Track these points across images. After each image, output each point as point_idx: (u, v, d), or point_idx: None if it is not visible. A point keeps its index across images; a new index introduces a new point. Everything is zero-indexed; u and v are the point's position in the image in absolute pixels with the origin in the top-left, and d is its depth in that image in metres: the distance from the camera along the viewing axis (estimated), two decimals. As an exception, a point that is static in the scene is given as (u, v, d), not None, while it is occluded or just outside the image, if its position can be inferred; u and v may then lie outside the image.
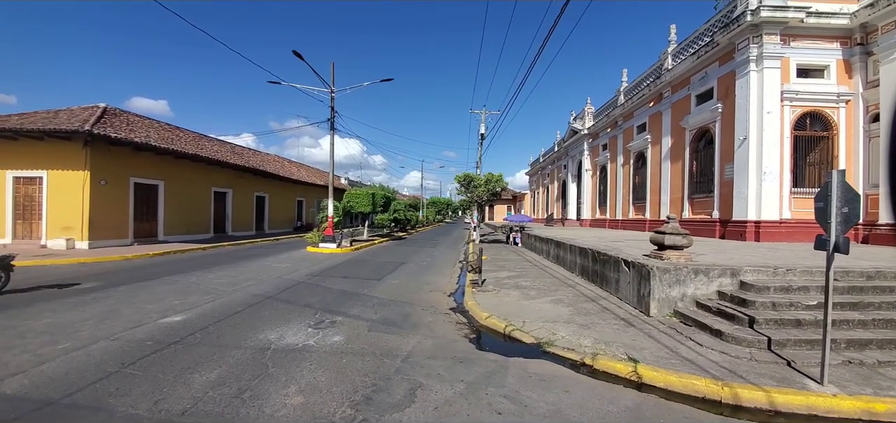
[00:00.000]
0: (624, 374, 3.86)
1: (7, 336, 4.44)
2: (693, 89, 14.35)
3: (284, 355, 4.13)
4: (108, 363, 3.75)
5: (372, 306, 6.46)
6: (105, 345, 4.21)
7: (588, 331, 5.06)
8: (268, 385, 3.40)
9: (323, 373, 3.69)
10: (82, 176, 13.79)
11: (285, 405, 3.09)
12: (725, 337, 4.53)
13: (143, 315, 5.38)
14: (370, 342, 4.63)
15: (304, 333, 4.87)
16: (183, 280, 8.24)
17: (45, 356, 3.85)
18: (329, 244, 14.57)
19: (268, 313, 5.71)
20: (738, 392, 3.41)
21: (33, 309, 5.62)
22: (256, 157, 26.90)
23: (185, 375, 3.54)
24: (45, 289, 7.07)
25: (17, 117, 15.11)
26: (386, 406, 3.11)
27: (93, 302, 6.08)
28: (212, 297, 6.67)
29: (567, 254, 10.35)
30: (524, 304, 6.58)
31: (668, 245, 5.97)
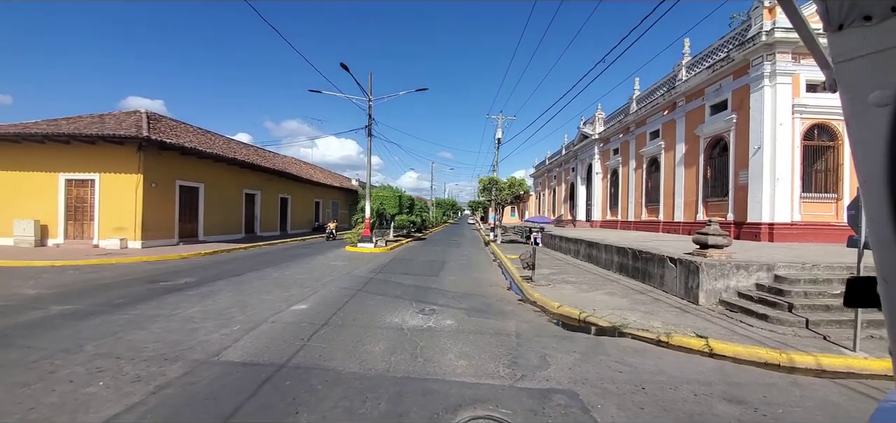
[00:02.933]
0: (697, 347, 4.84)
1: (173, 322, 5.30)
2: (708, 100, 15.45)
3: (420, 333, 5.06)
4: (289, 339, 4.66)
5: (451, 298, 7.39)
6: (269, 327, 5.11)
7: (652, 317, 6.04)
8: (430, 353, 4.34)
9: (464, 346, 4.63)
10: (136, 179, 14.56)
11: (456, 365, 4.03)
12: (770, 319, 5.55)
13: (271, 305, 6.27)
14: (478, 325, 5.57)
15: (420, 318, 5.80)
16: (265, 276, 9.10)
17: (231, 335, 4.74)
18: (367, 244, 15.47)
19: (372, 304, 6.62)
20: (793, 357, 4.42)
21: (158, 302, 6.41)
22: (277, 159, 27.68)
23: (360, 347, 4.46)
24: (142, 285, 7.85)
25: (65, 121, 15.84)
26: (531, 367, 4.06)
27: (211, 295, 6.94)
28: (309, 290, 7.57)
29: (602, 253, 11.36)
30: (583, 296, 7.56)
31: (712, 244, 6.98)
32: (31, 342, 4.28)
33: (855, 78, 0.45)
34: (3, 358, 3.84)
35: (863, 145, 0.49)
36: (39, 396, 3.09)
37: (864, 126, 0.47)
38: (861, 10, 0.43)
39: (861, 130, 0.48)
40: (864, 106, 0.46)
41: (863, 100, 0.45)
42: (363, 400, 3.18)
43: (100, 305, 6.02)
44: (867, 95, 0.45)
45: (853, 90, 0.46)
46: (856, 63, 0.44)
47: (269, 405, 3.06)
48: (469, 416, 3.01)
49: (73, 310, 5.67)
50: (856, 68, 0.45)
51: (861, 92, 0.45)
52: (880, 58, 0.43)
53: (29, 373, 3.51)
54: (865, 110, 0.46)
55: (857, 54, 0.44)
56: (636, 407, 3.26)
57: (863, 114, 0.46)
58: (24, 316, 5.34)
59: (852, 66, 0.45)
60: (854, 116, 0.48)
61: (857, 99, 0.46)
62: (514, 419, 2.99)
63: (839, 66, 0.46)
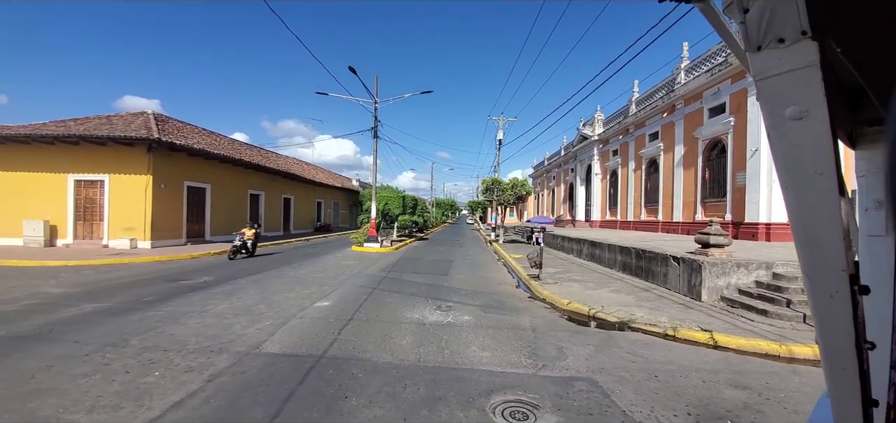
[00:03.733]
0: (702, 340, 5.16)
1: (207, 317, 5.55)
2: (706, 103, 15.83)
3: (441, 328, 5.34)
4: (321, 333, 4.93)
5: (464, 295, 7.68)
6: (299, 322, 5.38)
7: (658, 312, 6.36)
8: (455, 345, 4.62)
9: (485, 339, 4.92)
10: (145, 180, 14.74)
11: (480, 356, 4.32)
12: (770, 314, 5.88)
13: (296, 302, 6.53)
14: (495, 321, 5.86)
15: (438, 314, 6.08)
16: (281, 275, 9.35)
17: (266, 330, 5.00)
18: (373, 244, 15.72)
19: (390, 301, 6.90)
20: (792, 348, 4.74)
21: (185, 299, 6.67)
22: (280, 160, 27.85)
23: (388, 340, 4.74)
24: (163, 284, 8.08)
25: (73, 122, 15.98)
26: (550, 358, 4.36)
27: (235, 293, 7.19)
28: (328, 288, 7.83)
29: (605, 252, 11.69)
30: (590, 293, 7.87)
31: (713, 244, 7.31)
32: (77, 337, 4.52)
33: (773, 94, 0.49)
34: (56, 352, 4.08)
35: (782, 155, 0.52)
36: (102, 386, 3.35)
37: (783, 138, 0.50)
38: (776, 33, 0.48)
39: (780, 142, 0.51)
40: (781, 120, 0.49)
41: (780, 114, 0.49)
42: (403, 386, 3.47)
43: (130, 302, 6.26)
44: (784, 109, 0.48)
45: (772, 105, 0.49)
46: (773, 81, 0.48)
47: (319, 391, 3.33)
48: (501, 400, 3.30)
49: (106, 307, 5.91)
50: (773, 85, 0.48)
51: (778, 107, 0.49)
52: (793, 76, 0.46)
53: (85, 365, 3.76)
54: (783, 124, 0.49)
55: (774, 73, 0.47)
56: (651, 392, 3.56)
57: (781, 127, 0.50)
58: (60, 313, 5.58)
59: (770, 83, 0.48)
60: (773, 128, 0.51)
61: (776, 113, 0.49)
62: (543, 402, 3.28)
63: (760, 83, 0.49)
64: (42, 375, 3.53)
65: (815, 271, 0.56)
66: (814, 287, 0.58)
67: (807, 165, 0.50)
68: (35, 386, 3.30)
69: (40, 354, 4.02)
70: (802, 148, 0.49)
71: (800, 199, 0.53)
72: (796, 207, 0.53)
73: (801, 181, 0.51)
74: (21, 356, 3.98)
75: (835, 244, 0.53)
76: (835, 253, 0.54)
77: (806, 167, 0.50)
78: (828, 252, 0.54)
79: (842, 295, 0.56)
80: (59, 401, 3.06)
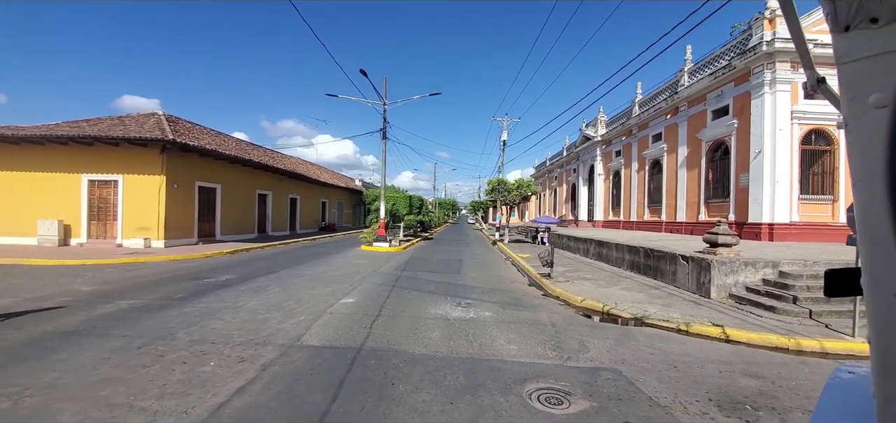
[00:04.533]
0: (715, 334, 5.42)
1: (241, 313, 5.79)
2: (709, 105, 16.11)
3: (466, 323, 5.60)
4: (353, 328, 5.18)
5: (480, 293, 7.93)
6: (330, 317, 5.63)
7: (670, 309, 6.62)
8: (482, 339, 4.88)
9: (509, 333, 5.18)
10: (159, 180, 14.96)
11: (508, 348, 4.58)
12: (778, 310, 6.15)
13: (321, 299, 6.78)
14: (515, 316, 6.12)
15: (460, 310, 6.34)
16: (299, 273, 9.59)
17: (301, 325, 5.25)
18: (382, 244, 15.97)
19: (411, 298, 7.15)
20: (800, 342, 5.01)
21: (215, 296, 6.92)
22: (286, 160, 28.07)
23: (419, 334, 4.99)
24: (188, 282, 8.32)
25: (86, 123, 16.19)
26: (573, 350, 4.62)
27: (261, 291, 7.43)
28: (348, 286, 8.08)
29: (612, 252, 11.96)
30: (602, 291, 8.13)
31: (721, 243, 7.58)
32: (124, 332, 4.77)
33: (857, 79, 0.46)
34: (108, 345, 4.33)
35: (860, 145, 0.50)
36: (164, 375, 3.60)
37: (863, 126, 0.48)
38: (868, 11, 0.45)
39: (860, 130, 0.49)
40: (863, 107, 0.47)
41: (863, 101, 0.46)
42: (443, 375, 3.73)
43: (162, 299, 6.51)
44: (868, 96, 0.46)
45: (854, 91, 0.47)
46: (859, 64, 0.45)
47: (367, 378, 3.59)
48: (534, 387, 3.56)
49: (141, 304, 6.16)
50: (858, 70, 0.46)
51: (862, 93, 0.46)
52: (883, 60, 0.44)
53: (141, 357, 4.01)
54: (865, 111, 0.47)
55: (861, 56, 0.45)
56: (672, 381, 3.82)
57: (862, 115, 0.47)
58: (99, 310, 5.82)
59: (855, 67, 0.46)
60: (853, 117, 0.48)
61: (858, 100, 0.47)
62: (574, 390, 3.54)
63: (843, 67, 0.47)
64: (102, 366, 3.77)
65: (879, 270, 0.54)
66: (875, 285, 0.56)
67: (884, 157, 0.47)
68: (100, 376, 3.55)
69: (94, 347, 4.26)
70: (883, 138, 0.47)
71: (873, 193, 0.50)
72: (867, 202, 0.51)
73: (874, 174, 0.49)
74: (76, 349, 4.22)
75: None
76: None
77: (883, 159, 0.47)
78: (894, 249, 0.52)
79: None
80: (128, 389, 3.30)
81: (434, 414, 3.01)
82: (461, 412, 3.05)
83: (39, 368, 3.70)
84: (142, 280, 8.30)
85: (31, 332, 4.76)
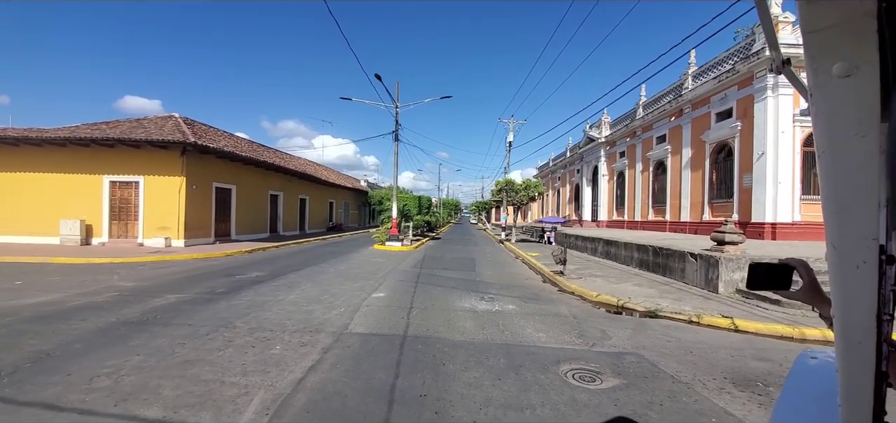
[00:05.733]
0: (724, 325, 5.86)
1: (286, 306, 6.21)
2: (713, 108, 16.55)
3: (493, 314, 6.04)
4: (392, 318, 5.63)
5: (499, 289, 8.37)
6: (368, 309, 6.08)
7: (681, 303, 7.06)
8: (513, 328, 5.32)
9: (535, 323, 5.62)
10: (179, 181, 15.42)
11: (537, 336, 5.02)
12: (782, 304, 6.59)
13: (354, 294, 7.22)
14: (537, 309, 6.56)
15: (485, 303, 6.78)
16: (324, 271, 10.04)
17: (343, 315, 5.69)
18: (395, 243, 16.42)
19: (436, 293, 7.59)
20: (804, 331, 5.45)
21: (254, 291, 7.35)
22: (295, 161, 28.53)
23: (453, 324, 5.43)
24: (223, 278, 8.77)
25: (106, 125, 16.66)
26: (596, 338, 5.06)
27: (295, 286, 7.87)
28: (374, 282, 8.53)
29: (621, 250, 12.40)
30: (614, 287, 8.57)
31: (728, 241, 8.02)
32: (186, 321, 5.21)
33: (821, 48, 0.46)
34: (177, 333, 4.77)
35: (824, 116, 0.50)
36: (240, 357, 4.04)
37: (827, 96, 0.48)
38: None
39: (824, 100, 0.49)
40: (827, 77, 0.47)
41: (827, 71, 0.47)
42: (486, 357, 4.17)
43: (206, 293, 6.95)
44: (832, 65, 0.46)
45: (819, 61, 0.47)
46: (823, 34, 0.45)
47: (419, 359, 4.03)
48: (568, 368, 4.00)
49: (189, 298, 6.60)
50: (823, 39, 0.46)
51: (826, 62, 0.47)
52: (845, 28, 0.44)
53: (212, 342, 4.45)
54: (828, 81, 0.47)
55: (825, 25, 0.45)
56: (690, 363, 4.26)
57: (826, 85, 0.48)
58: (152, 303, 6.26)
59: (819, 36, 0.46)
60: (817, 87, 0.48)
61: (822, 70, 0.47)
62: (603, 370, 3.98)
63: (808, 36, 0.47)
64: (180, 350, 4.21)
65: (843, 241, 0.55)
66: (840, 257, 0.56)
67: (849, 127, 0.48)
68: (182, 358, 3.98)
69: (164, 335, 4.70)
70: (847, 108, 0.48)
71: (837, 163, 0.51)
72: (831, 172, 0.52)
73: (840, 144, 0.50)
74: (148, 336, 4.66)
75: (869, 212, 0.52)
76: (867, 221, 0.53)
77: (848, 129, 0.48)
78: (860, 220, 0.53)
79: (869, 265, 0.55)
80: (212, 368, 3.74)
81: (486, 388, 3.45)
82: (510, 386, 3.49)
83: (122, 352, 4.13)
84: (177, 277, 8.75)
85: (98, 322, 5.20)
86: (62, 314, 5.51)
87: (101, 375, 3.55)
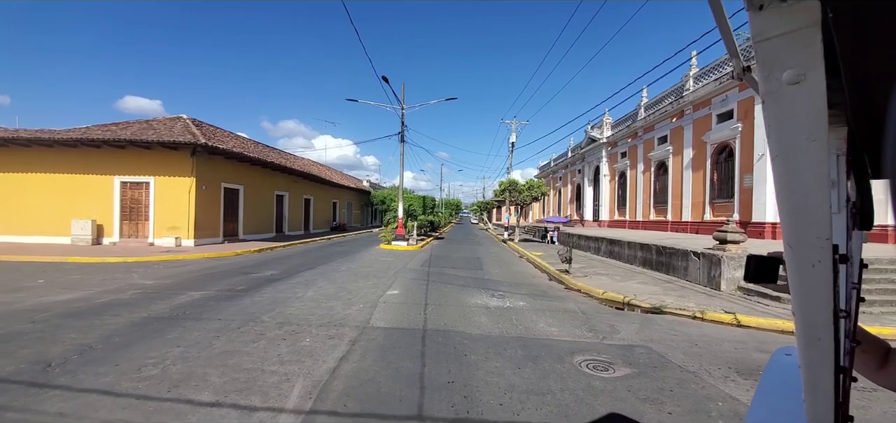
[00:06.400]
0: (727, 320, 6.12)
1: (306, 302, 6.47)
2: (714, 109, 16.82)
3: (506, 310, 6.30)
4: (409, 314, 5.89)
5: (508, 286, 8.63)
6: (385, 305, 6.34)
7: (685, 300, 7.32)
8: (525, 323, 5.58)
9: (547, 318, 5.88)
10: (189, 182, 15.67)
11: (550, 330, 5.28)
12: (783, 300, 6.85)
13: (370, 291, 7.48)
14: (546, 305, 6.82)
15: (496, 300, 7.04)
16: (336, 269, 10.29)
17: (363, 311, 5.95)
18: (401, 242, 16.68)
19: (448, 290, 7.85)
20: (803, 326, 5.71)
21: (273, 288, 7.60)
22: (299, 161, 28.78)
23: (468, 319, 5.69)
24: (240, 276, 9.03)
25: (117, 127, 16.91)
26: (606, 332, 5.32)
27: (311, 284, 8.12)
28: (386, 279, 8.78)
29: (624, 249, 12.66)
30: (619, 284, 8.83)
31: (730, 240, 8.29)
32: (216, 316, 5.47)
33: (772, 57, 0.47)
34: (209, 327, 5.02)
35: (776, 121, 0.51)
36: (274, 348, 4.29)
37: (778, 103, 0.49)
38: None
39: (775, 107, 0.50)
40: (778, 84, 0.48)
41: (777, 78, 0.48)
42: (503, 349, 4.43)
43: (227, 291, 7.21)
44: (782, 73, 0.47)
45: (769, 68, 0.48)
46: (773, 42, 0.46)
47: (441, 351, 4.29)
48: (582, 358, 4.25)
49: (212, 294, 6.85)
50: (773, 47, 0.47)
51: (776, 70, 0.47)
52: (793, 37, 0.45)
53: (245, 335, 4.70)
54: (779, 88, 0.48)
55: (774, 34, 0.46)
56: (696, 354, 4.52)
57: (777, 91, 0.49)
58: (178, 300, 6.51)
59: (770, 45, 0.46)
60: (769, 93, 0.49)
61: (773, 77, 0.48)
62: (614, 360, 4.24)
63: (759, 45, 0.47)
64: (217, 342, 4.46)
65: (799, 241, 0.56)
66: (797, 257, 0.58)
67: (800, 131, 0.49)
68: (220, 349, 4.24)
69: (198, 329, 4.95)
70: (797, 113, 0.49)
71: (790, 167, 0.52)
72: (786, 175, 0.53)
73: (792, 148, 0.51)
74: (182, 330, 4.91)
75: (822, 212, 0.53)
76: (821, 221, 0.54)
77: (799, 133, 0.49)
78: (814, 220, 0.54)
79: (824, 264, 0.56)
80: (251, 358, 4.00)
81: (508, 376, 3.70)
82: (530, 374, 3.75)
83: (162, 344, 4.38)
84: (194, 275, 9.00)
85: (130, 317, 5.45)
86: (93, 310, 5.76)
87: (147, 365, 3.81)
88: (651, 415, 3.07)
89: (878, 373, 0.78)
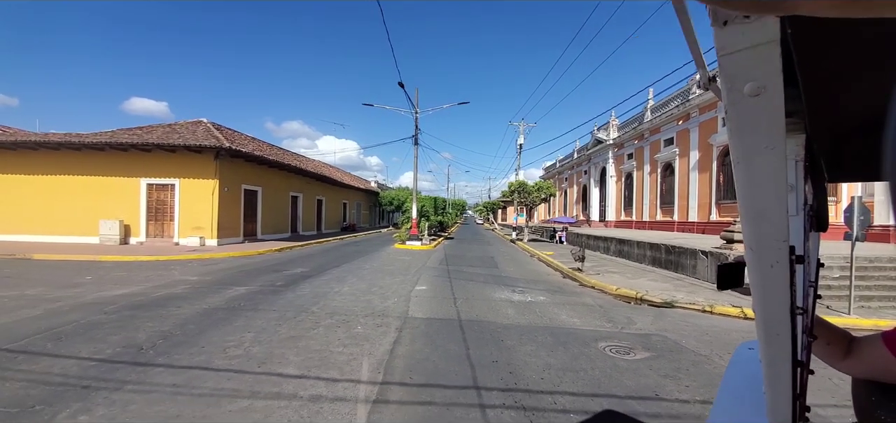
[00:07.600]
0: (735, 313, 6.63)
1: (344, 296, 7.04)
2: (720, 112, 17.24)
3: (528, 304, 6.84)
4: (441, 306, 6.44)
5: (526, 283, 9.16)
6: (417, 300, 6.89)
7: (694, 295, 7.83)
8: (549, 314, 6.12)
9: (568, 310, 6.41)
10: (212, 184, 16.33)
11: (572, 321, 5.81)
12: (786, 295, 7.34)
13: (399, 286, 8.05)
14: (565, 300, 7.35)
15: (517, 295, 7.58)
16: (361, 267, 10.86)
17: (399, 304, 6.51)
18: (415, 242, 17.25)
19: (472, 286, 8.39)
20: (805, 319, 6.21)
21: (309, 284, 8.17)
22: (311, 163, 29.44)
23: (496, 311, 6.24)
24: (272, 273, 9.60)
25: (140, 130, 17.61)
26: (623, 322, 5.84)
27: (343, 280, 8.70)
28: (411, 276, 9.35)
29: (633, 248, 13.16)
30: (631, 281, 9.34)
31: (737, 240, 8.77)
32: (270, 308, 6.04)
33: (734, 70, 0.49)
34: (268, 316, 5.59)
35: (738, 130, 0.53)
36: (332, 334, 4.85)
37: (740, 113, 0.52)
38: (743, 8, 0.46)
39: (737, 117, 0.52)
40: (740, 96, 0.50)
41: (739, 90, 0.50)
42: (534, 336, 4.97)
43: (269, 286, 7.79)
44: (743, 85, 0.49)
45: (732, 81, 0.50)
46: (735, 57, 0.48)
47: (480, 336, 4.84)
48: (606, 344, 4.79)
49: (257, 289, 7.44)
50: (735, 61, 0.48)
51: (738, 83, 0.49)
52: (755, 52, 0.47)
53: (303, 323, 5.27)
54: (741, 100, 0.50)
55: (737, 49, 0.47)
56: (707, 342, 5.04)
57: (739, 103, 0.51)
58: (227, 293, 7.09)
59: (732, 59, 0.48)
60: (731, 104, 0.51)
61: (735, 89, 0.50)
62: (634, 346, 4.77)
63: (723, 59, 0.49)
64: (282, 329, 5.03)
65: (759, 243, 0.59)
66: (757, 258, 0.60)
67: (760, 140, 0.52)
68: (287, 335, 4.80)
69: (260, 317, 5.52)
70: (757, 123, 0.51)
71: (750, 173, 0.54)
72: (746, 181, 0.55)
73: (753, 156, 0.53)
74: (246, 319, 5.48)
75: (780, 216, 0.56)
76: (778, 224, 0.57)
77: (759, 142, 0.52)
78: (772, 224, 0.57)
79: (782, 265, 0.59)
80: (317, 342, 4.56)
81: (543, 357, 4.25)
82: (561, 355, 4.29)
83: (234, 330, 4.95)
84: (230, 272, 9.61)
85: (194, 309, 6.03)
86: (155, 303, 6.34)
87: (229, 347, 4.38)
88: (671, 387, 3.60)
89: (842, 362, 0.84)
